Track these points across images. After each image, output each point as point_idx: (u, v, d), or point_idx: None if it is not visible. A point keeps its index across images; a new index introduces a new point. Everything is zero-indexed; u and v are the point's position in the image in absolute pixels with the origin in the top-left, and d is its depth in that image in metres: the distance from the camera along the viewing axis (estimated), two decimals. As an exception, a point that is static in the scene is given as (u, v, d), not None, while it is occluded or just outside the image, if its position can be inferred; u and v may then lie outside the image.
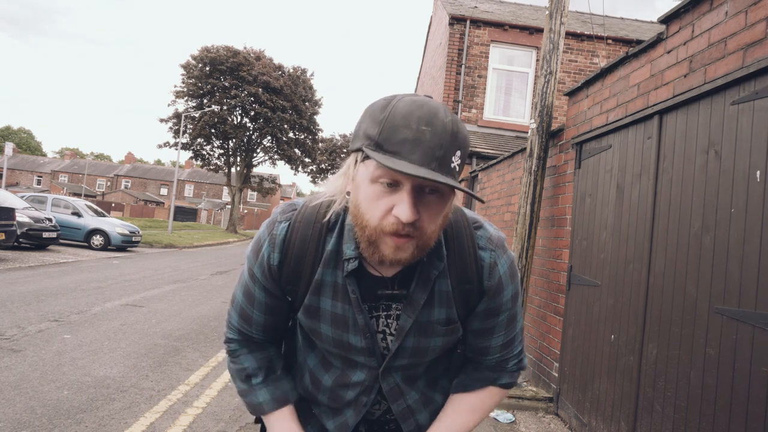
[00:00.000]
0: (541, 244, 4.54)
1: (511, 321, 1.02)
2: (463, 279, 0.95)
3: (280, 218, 0.98)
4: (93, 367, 4.12)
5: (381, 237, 0.81)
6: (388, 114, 0.78)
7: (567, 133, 4.23)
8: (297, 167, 36.07)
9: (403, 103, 0.79)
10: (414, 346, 0.97)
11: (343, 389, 1.04)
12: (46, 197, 15.09)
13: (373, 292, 0.94)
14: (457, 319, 0.98)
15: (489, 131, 10.40)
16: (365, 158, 0.81)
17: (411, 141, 0.76)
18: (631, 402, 2.91)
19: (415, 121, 0.76)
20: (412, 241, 0.81)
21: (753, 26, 2.19)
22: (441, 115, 0.78)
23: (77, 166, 67.94)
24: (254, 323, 1.04)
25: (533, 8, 13.21)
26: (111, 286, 8.17)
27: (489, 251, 0.96)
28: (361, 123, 0.83)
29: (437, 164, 0.76)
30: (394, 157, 0.76)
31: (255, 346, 1.08)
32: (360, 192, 0.82)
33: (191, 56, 30.47)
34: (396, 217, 0.78)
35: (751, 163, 2.13)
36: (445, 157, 0.77)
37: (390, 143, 0.77)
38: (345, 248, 0.92)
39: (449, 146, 0.78)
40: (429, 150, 0.76)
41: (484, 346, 1.04)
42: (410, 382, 1.04)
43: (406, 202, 0.77)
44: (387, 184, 0.79)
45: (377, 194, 0.80)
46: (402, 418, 1.06)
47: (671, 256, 2.65)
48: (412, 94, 0.82)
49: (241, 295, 1.04)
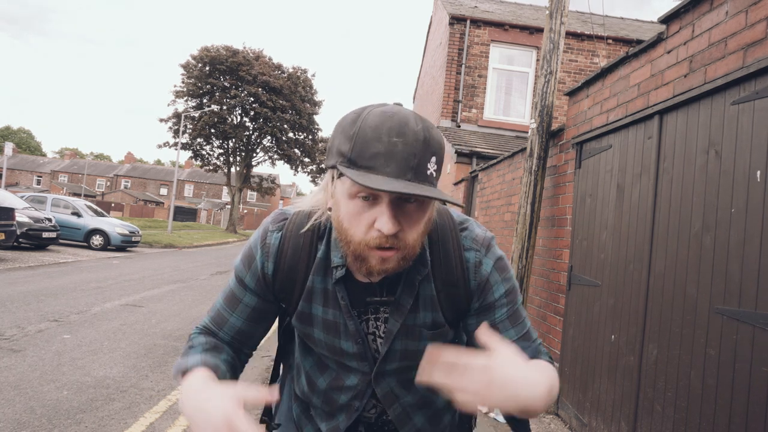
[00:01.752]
0: (541, 244, 4.54)
1: (514, 317, 0.98)
2: (449, 283, 0.95)
3: (272, 228, 0.98)
4: (93, 367, 4.12)
5: (366, 251, 0.82)
6: (358, 129, 0.78)
7: (567, 132, 4.23)
8: (297, 167, 36.05)
9: (373, 116, 0.78)
10: (402, 349, 0.97)
11: (336, 392, 1.04)
12: (46, 197, 15.10)
13: (361, 299, 0.95)
14: (444, 322, 0.97)
15: (489, 131, 10.41)
16: (341, 175, 0.81)
17: (384, 154, 0.75)
18: (631, 402, 2.90)
19: (386, 133, 0.76)
20: (397, 252, 0.82)
21: (753, 26, 2.18)
22: (411, 124, 0.77)
23: (77, 166, 67.94)
24: (227, 326, 1.02)
25: (533, 8, 13.21)
26: (111, 286, 8.16)
27: (474, 251, 0.96)
28: (333, 139, 0.83)
29: (413, 174, 0.76)
30: (368, 172, 0.75)
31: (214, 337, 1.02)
32: (341, 208, 0.83)
33: (191, 56, 30.49)
34: (379, 230, 0.79)
35: (752, 163, 2.13)
36: (420, 165, 0.77)
37: (363, 158, 0.76)
38: (333, 256, 0.93)
39: (423, 154, 0.77)
40: (402, 161, 0.76)
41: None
42: (406, 386, 1.04)
43: (387, 214, 0.78)
44: (365, 198, 0.79)
45: (357, 209, 0.80)
46: (399, 422, 1.05)
47: (671, 256, 2.65)
48: (382, 104, 0.82)
49: (222, 301, 1.03)
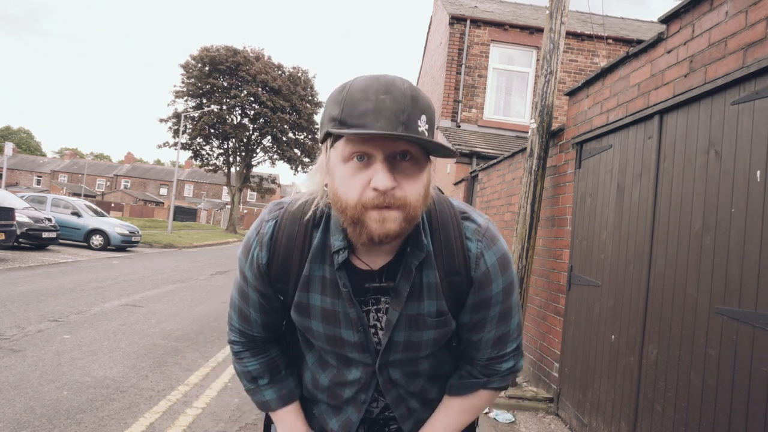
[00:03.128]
0: (541, 244, 4.54)
1: (504, 316, 0.99)
2: (451, 271, 0.94)
3: (267, 217, 0.98)
4: (92, 368, 4.12)
5: (364, 213, 0.81)
6: (346, 93, 0.81)
7: (567, 133, 4.23)
8: (297, 167, 36.04)
9: (360, 81, 0.82)
10: (406, 340, 0.97)
11: (340, 388, 1.04)
12: (46, 197, 15.10)
13: (361, 286, 0.94)
14: (447, 310, 0.96)
15: (489, 131, 10.40)
16: (334, 141, 0.83)
17: (373, 111, 0.77)
18: (631, 402, 2.90)
19: (373, 92, 0.78)
20: (396, 210, 0.80)
21: (753, 26, 2.18)
22: (398, 83, 0.80)
23: (77, 166, 67.93)
24: (253, 323, 1.05)
25: (533, 8, 13.21)
26: (110, 286, 8.16)
27: (476, 242, 0.95)
28: (324, 112, 0.86)
29: (403, 128, 0.78)
30: (359, 128, 0.77)
31: (258, 348, 1.09)
32: (336, 175, 0.83)
33: (191, 56, 30.48)
34: (375, 189, 0.79)
35: (752, 163, 2.13)
36: (410, 120, 0.78)
37: (353, 117, 0.78)
38: (333, 240, 0.92)
39: (412, 110, 0.79)
40: (392, 115, 0.77)
41: (475, 341, 1.01)
42: (411, 379, 1.04)
43: (382, 170, 0.78)
44: (359, 158, 0.80)
45: (352, 171, 0.81)
46: (401, 416, 1.05)
47: (672, 256, 2.65)
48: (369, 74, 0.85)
49: (237, 296, 1.05)
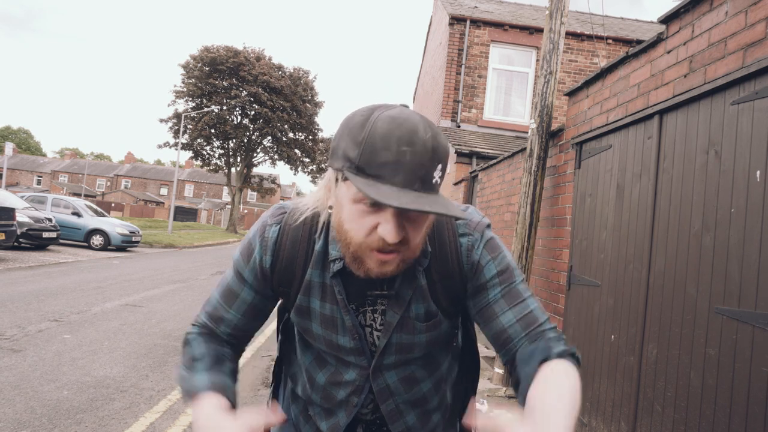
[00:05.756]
0: (541, 244, 4.54)
1: (510, 296, 0.93)
2: (445, 274, 0.95)
3: (270, 221, 0.98)
4: (93, 367, 4.13)
5: (366, 253, 0.81)
6: (367, 135, 0.76)
7: (567, 133, 4.23)
8: (297, 167, 36.08)
9: (382, 122, 0.76)
10: (397, 342, 0.97)
11: (335, 388, 1.04)
12: (46, 197, 15.10)
13: (361, 292, 0.95)
14: (437, 311, 0.97)
15: (489, 131, 10.40)
16: (346, 178, 0.79)
17: (392, 164, 0.74)
18: (631, 402, 2.90)
19: (395, 142, 0.75)
20: (397, 255, 0.82)
21: (753, 26, 2.19)
22: (421, 133, 0.76)
23: (77, 166, 67.94)
24: (224, 322, 1.01)
25: (533, 8, 13.21)
26: (111, 286, 8.17)
27: (468, 236, 0.96)
28: (339, 140, 0.81)
29: (420, 184, 0.76)
30: (376, 181, 0.75)
31: (213, 339, 1.02)
32: (343, 211, 0.82)
33: (191, 56, 30.46)
34: (381, 237, 0.78)
35: (751, 163, 2.13)
36: (427, 175, 0.77)
37: (371, 167, 0.75)
38: (330, 249, 0.93)
39: (430, 164, 0.77)
40: (411, 171, 0.75)
41: (498, 330, 0.93)
42: (409, 385, 1.03)
43: (392, 223, 0.77)
44: (370, 204, 0.78)
45: (360, 213, 0.79)
46: (390, 418, 1.04)
47: (671, 256, 2.65)
48: (391, 107, 0.80)
49: (219, 297, 1.02)
